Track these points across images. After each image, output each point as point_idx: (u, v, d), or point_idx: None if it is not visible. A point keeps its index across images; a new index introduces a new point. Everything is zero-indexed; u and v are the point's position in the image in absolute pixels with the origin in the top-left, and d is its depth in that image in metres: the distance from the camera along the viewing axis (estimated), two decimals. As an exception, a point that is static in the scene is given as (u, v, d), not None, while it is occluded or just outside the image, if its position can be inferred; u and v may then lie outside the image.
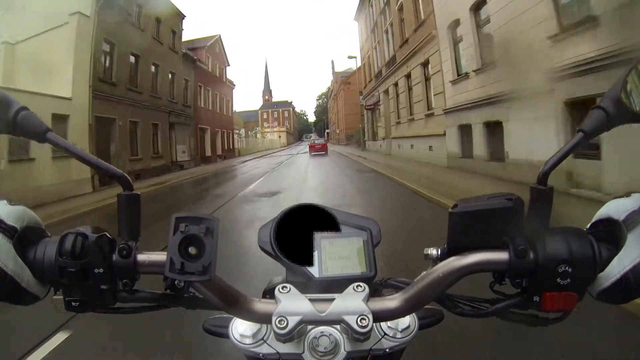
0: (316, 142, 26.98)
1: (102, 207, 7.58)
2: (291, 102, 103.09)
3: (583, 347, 1.87)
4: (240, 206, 6.91)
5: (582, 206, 4.09)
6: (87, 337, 2.20)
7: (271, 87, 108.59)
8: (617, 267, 0.34)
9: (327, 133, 68.91)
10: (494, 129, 7.57)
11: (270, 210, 5.91)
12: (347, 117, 42.82)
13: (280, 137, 72.60)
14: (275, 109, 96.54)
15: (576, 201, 4.49)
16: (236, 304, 0.38)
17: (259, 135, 57.05)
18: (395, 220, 4.96)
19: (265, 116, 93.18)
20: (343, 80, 44.55)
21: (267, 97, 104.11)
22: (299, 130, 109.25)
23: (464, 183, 7.21)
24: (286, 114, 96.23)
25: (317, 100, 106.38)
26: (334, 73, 57.20)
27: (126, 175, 0.38)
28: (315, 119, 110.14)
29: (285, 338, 0.36)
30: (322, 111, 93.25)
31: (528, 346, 1.87)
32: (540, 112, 5.77)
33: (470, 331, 1.99)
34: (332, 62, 76.64)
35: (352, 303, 0.37)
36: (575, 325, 1.92)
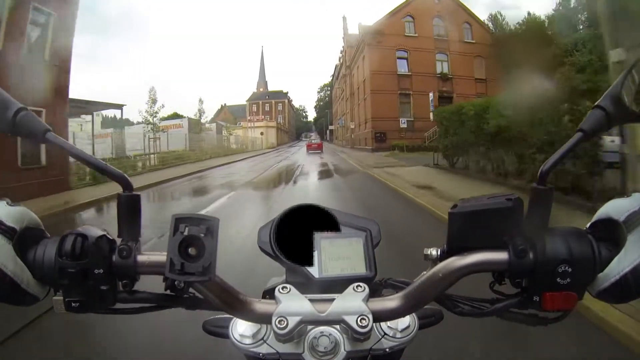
0: (313, 141, 31.43)
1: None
2: (287, 92, 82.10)
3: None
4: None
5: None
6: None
7: (267, 79, 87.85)
8: (616, 268, 0.34)
9: (330, 131, 58.50)
10: None
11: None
12: (376, 97, 23.90)
13: (263, 134, 53.47)
14: (267, 100, 77.32)
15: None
16: (236, 304, 0.38)
17: (224, 133, 37.48)
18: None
19: (254, 109, 74.46)
20: (372, 30, 24.32)
21: (262, 90, 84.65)
22: (296, 128, 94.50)
23: None
24: (280, 107, 78.28)
25: (319, 92, 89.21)
26: (345, 35, 36.19)
27: (126, 175, 0.38)
28: (316, 115, 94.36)
29: (285, 338, 0.36)
30: (324, 106, 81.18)
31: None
32: None
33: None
34: (344, 18, 40.38)
35: (352, 303, 0.37)
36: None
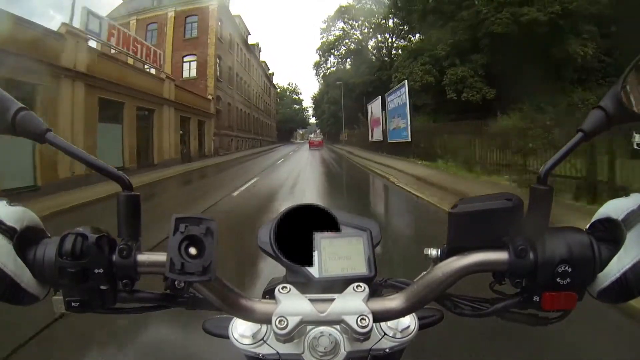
0: (315, 139, 32.68)
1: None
2: (238, 17, 31.60)
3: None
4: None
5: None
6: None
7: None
8: (616, 267, 0.34)
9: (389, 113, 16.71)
10: None
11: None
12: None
13: None
14: (156, 12, 22.21)
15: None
16: (236, 304, 0.38)
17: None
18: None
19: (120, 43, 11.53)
20: None
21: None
22: (278, 121, 58.14)
23: None
24: (192, 30, 22.82)
25: (320, 52, 36.20)
26: None
27: (125, 175, 0.38)
28: (317, 91, 47.66)
29: (285, 338, 0.36)
30: (331, 80, 34.71)
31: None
32: None
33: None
34: None
35: (352, 303, 0.37)
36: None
